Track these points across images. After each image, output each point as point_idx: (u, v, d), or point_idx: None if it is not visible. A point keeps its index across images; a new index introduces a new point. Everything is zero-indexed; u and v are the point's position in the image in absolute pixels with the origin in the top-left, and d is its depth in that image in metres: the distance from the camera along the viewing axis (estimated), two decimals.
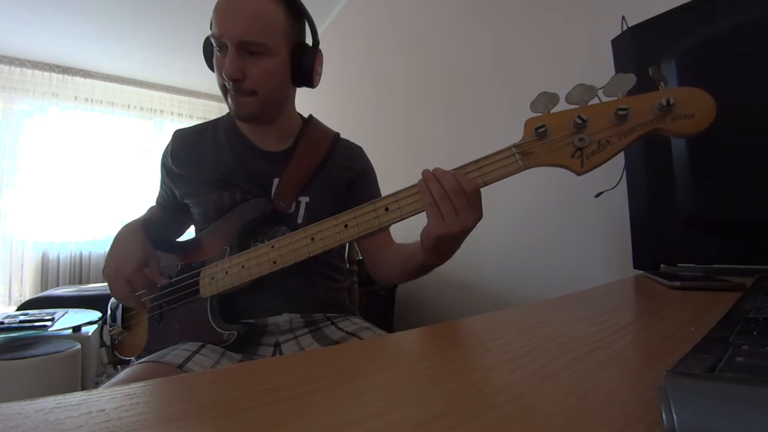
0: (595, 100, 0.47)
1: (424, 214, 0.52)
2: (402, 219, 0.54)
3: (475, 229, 0.51)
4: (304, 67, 0.68)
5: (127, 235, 0.69)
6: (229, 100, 0.66)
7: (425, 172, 0.52)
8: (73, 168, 3.23)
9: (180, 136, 0.76)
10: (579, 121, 0.46)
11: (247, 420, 0.20)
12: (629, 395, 0.21)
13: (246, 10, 0.61)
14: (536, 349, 0.29)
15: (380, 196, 0.56)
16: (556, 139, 0.47)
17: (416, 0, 1.74)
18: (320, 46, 0.71)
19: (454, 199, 0.49)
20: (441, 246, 0.54)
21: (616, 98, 0.46)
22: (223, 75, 0.63)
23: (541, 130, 0.47)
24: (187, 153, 0.74)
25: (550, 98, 0.48)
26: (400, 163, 1.82)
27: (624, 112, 0.44)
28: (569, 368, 0.25)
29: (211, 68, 0.68)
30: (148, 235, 0.71)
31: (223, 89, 0.66)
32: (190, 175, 0.73)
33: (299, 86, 0.72)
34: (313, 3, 0.70)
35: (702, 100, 0.43)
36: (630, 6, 0.79)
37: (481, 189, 0.50)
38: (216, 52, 0.64)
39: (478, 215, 0.51)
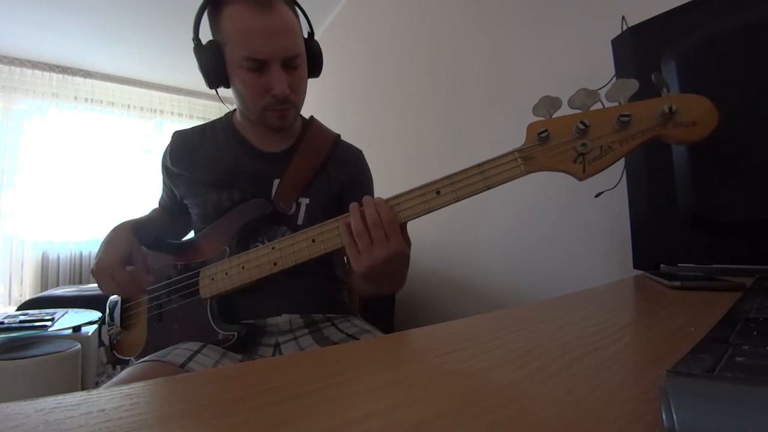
0: (598, 105, 0.47)
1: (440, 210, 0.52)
2: (405, 221, 0.54)
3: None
4: (317, 59, 0.70)
5: (114, 235, 0.70)
6: (269, 115, 0.66)
7: (352, 206, 0.53)
8: (73, 168, 3.23)
9: (179, 137, 0.76)
10: (582, 127, 0.45)
11: (247, 420, 0.20)
12: (629, 395, 0.21)
13: (282, 25, 0.60)
14: (536, 349, 0.29)
15: None
16: (558, 144, 0.47)
17: (415, 2, 1.74)
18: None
19: (373, 232, 0.51)
20: (371, 279, 0.55)
21: (618, 104, 0.46)
22: (274, 94, 0.62)
23: (543, 134, 0.47)
24: (186, 154, 0.74)
25: (552, 102, 0.48)
26: (399, 165, 1.82)
27: (626, 119, 0.44)
28: (569, 368, 0.25)
29: (215, 83, 0.66)
30: (144, 235, 0.71)
31: (262, 108, 0.65)
32: (189, 176, 0.73)
33: (310, 78, 0.72)
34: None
35: (704, 108, 0.43)
36: (630, 6, 0.79)
37: (483, 193, 0.51)
38: (245, 71, 0.62)
39: (395, 246, 0.52)
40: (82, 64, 3.19)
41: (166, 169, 0.77)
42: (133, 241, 0.69)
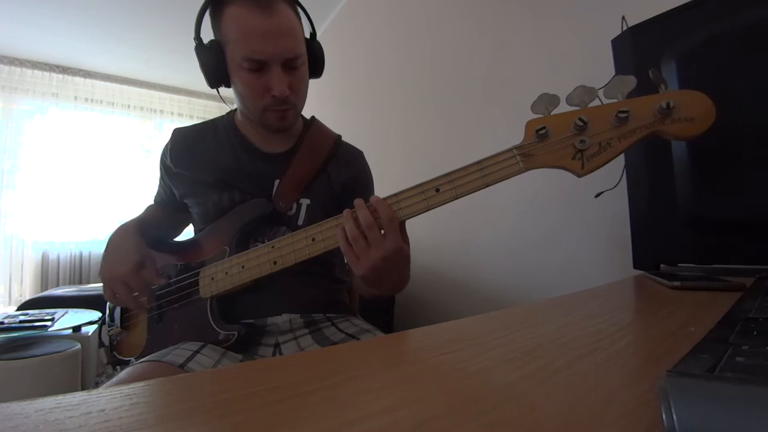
0: (596, 102, 0.47)
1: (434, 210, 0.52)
2: (404, 219, 0.54)
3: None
4: (318, 60, 0.71)
5: (121, 237, 0.69)
6: (269, 116, 0.66)
7: (345, 212, 0.53)
8: (73, 168, 3.23)
9: (180, 134, 0.76)
10: (580, 123, 0.46)
11: (247, 420, 0.20)
12: (629, 395, 0.21)
13: (282, 26, 0.60)
14: (536, 349, 0.29)
15: None
16: (556, 140, 0.47)
17: (415, 1, 1.75)
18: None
19: (368, 234, 0.51)
20: (373, 281, 0.55)
21: (616, 100, 0.46)
22: (273, 94, 0.62)
23: (541, 131, 0.47)
24: (186, 152, 0.74)
25: (550, 100, 0.48)
26: (399, 165, 1.82)
27: (624, 115, 0.44)
28: (569, 368, 0.25)
29: (216, 83, 0.66)
30: (144, 235, 0.71)
31: (262, 109, 0.65)
32: (189, 175, 0.73)
33: (311, 78, 0.72)
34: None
35: (702, 104, 0.43)
36: (630, 6, 0.79)
37: (483, 191, 0.51)
38: (245, 72, 0.62)
39: (392, 245, 0.52)
40: (82, 64, 3.19)
41: (165, 167, 0.76)
42: (142, 244, 0.68)
